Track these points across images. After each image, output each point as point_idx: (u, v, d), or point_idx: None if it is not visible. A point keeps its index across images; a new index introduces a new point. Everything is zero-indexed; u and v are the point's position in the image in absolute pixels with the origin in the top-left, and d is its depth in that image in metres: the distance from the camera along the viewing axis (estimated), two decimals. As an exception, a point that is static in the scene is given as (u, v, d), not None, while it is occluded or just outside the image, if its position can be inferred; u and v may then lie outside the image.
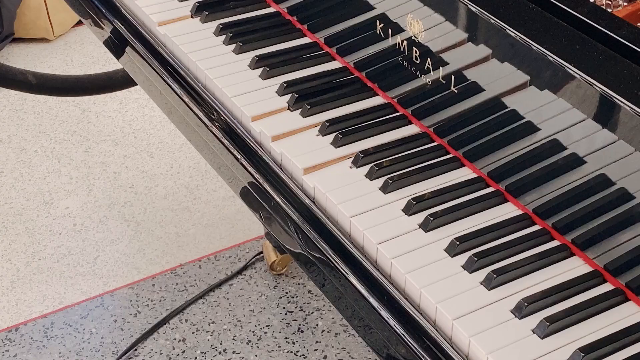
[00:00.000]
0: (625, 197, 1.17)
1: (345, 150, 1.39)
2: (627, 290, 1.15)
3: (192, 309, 2.43)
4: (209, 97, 1.54)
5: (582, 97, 1.18)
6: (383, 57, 1.48)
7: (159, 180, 2.87)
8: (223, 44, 1.62)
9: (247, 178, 1.45)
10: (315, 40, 1.62)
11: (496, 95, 1.30)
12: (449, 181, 1.33)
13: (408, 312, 1.18)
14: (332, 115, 1.45)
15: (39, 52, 3.45)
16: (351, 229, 1.28)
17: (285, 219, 1.37)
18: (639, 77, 1.09)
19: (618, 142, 1.15)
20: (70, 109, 3.16)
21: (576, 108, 1.19)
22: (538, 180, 1.27)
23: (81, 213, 2.74)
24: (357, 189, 1.33)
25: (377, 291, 1.21)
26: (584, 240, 1.20)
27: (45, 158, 2.96)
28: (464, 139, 1.36)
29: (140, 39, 1.72)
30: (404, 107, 1.46)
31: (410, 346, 1.15)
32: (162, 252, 2.61)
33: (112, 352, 2.31)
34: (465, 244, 1.22)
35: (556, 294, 1.15)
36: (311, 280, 1.44)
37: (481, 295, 1.16)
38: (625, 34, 1.10)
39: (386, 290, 1.21)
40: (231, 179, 1.52)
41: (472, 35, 1.30)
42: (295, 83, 1.52)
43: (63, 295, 2.47)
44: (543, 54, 1.17)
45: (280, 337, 2.35)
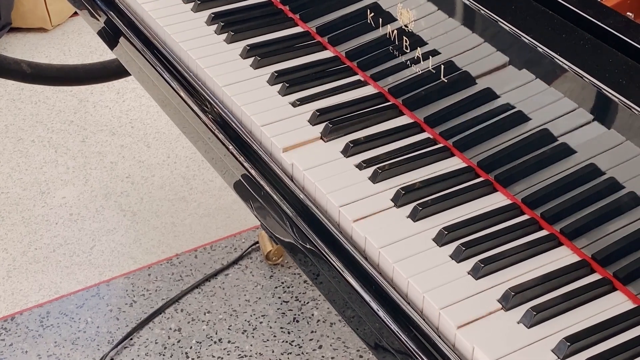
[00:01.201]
0: (614, 187, 1.17)
1: (335, 140, 1.39)
2: (614, 280, 1.15)
3: (188, 299, 2.43)
4: (200, 86, 1.54)
5: (572, 86, 1.17)
6: (374, 47, 1.47)
7: (156, 170, 2.87)
8: (215, 33, 1.62)
9: (238, 168, 1.45)
10: (307, 29, 1.62)
11: (486, 85, 1.30)
12: (438, 171, 1.33)
13: (396, 302, 1.18)
14: (323, 105, 1.45)
15: (37, 42, 3.45)
16: (340, 219, 1.28)
17: (275, 209, 1.36)
18: (627, 67, 1.09)
19: (608, 131, 1.15)
20: (67, 99, 3.16)
21: (566, 98, 1.19)
22: (527, 170, 1.27)
23: (77, 203, 2.74)
24: (347, 178, 1.32)
25: (365, 281, 1.21)
26: (572, 230, 1.20)
27: (42, 148, 2.96)
28: (454, 128, 1.36)
29: (133, 29, 1.72)
30: (395, 97, 1.45)
31: (397, 335, 1.15)
32: (158, 241, 2.61)
33: (108, 341, 2.31)
34: (453, 234, 1.22)
35: (543, 283, 1.15)
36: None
37: (469, 285, 1.16)
38: (613, 22, 1.10)
39: (374, 280, 1.21)
40: (224, 171, 1.52)
41: (462, 25, 1.29)
42: (286, 72, 1.51)
43: (59, 284, 2.47)
44: (532, 44, 1.17)
45: (276, 327, 2.35)
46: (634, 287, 1.13)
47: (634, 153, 1.13)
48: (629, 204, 1.15)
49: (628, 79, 1.08)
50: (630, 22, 1.09)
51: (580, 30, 1.13)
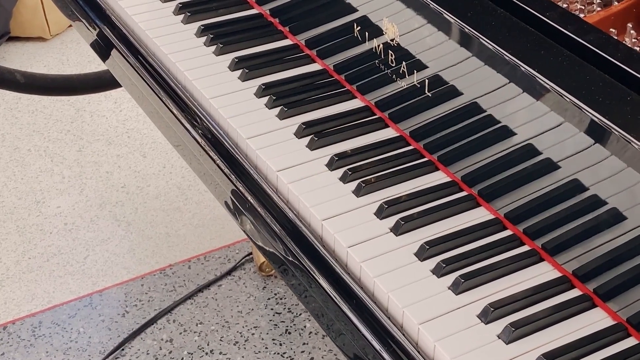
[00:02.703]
0: (596, 203, 1.17)
1: (320, 153, 1.39)
2: (594, 296, 1.15)
3: (180, 310, 2.43)
4: (188, 98, 1.54)
5: (557, 102, 1.18)
6: (361, 60, 1.48)
7: (151, 180, 2.87)
8: (204, 45, 1.62)
9: (225, 183, 1.45)
10: (296, 42, 1.62)
11: (470, 100, 1.30)
12: (422, 185, 1.33)
13: (376, 316, 1.18)
14: (309, 118, 1.45)
15: (35, 51, 3.46)
16: (323, 232, 1.28)
17: (261, 222, 1.37)
18: (605, 84, 1.09)
19: (593, 147, 1.15)
20: (64, 108, 3.17)
21: (552, 113, 1.19)
22: (511, 185, 1.27)
23: (72, 212, 2.74)
24: (331, 192, 1.33)
25: (346, 294, 1.21)
26: (553, 245, 1.20)
27: (38, 157, 2.96)
28: (438, 142, 1.36)
29: (124, 42, 1.72)
30: (381, 110, 1.45)
31: (376, 350, 1.15)
32: (152, 252, 2.62)
33: (99, 351, 2.31)
34: (434, 248, 1.22)
35: (523, 299, 1.15)
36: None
37: (449, 300, 1.16)
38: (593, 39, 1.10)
39: (355, 294, 1.21)
40: (212, 184, 1.52)
41: (446, 41, 1.30)
42: (274, 85, 1.52)
43: (52, 294, 2.48)
44: (512, 61, 1.17)
45: (268, 339, 2.35)
46: (614, 303, 1.13)
47: (617, 169, 1.13)
48: (611, 220, 1.15)
49: (607, 97, 1.08)
50: (609, 39, 1.09)
51: (559, 46, 1.13)
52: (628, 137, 1.06)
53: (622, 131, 1.07)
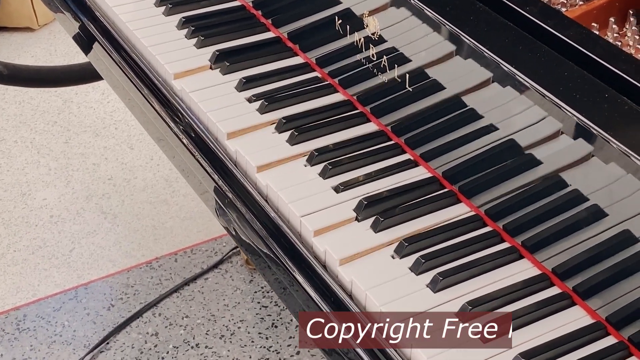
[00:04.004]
0: (578, 199, 1.16)
1: (300, 148, 1.38)
2: (573, 294, 1.14)
3: (166, 303, 2.42)
4: (168, 91, 1.53)
5: (537, 98, 1.16)
6: (343, 54, 1.46)
7: (138, 173, 2.85)
8: (185, 38, 1.61)
9: (205, 179, 1.43)
10: (279, 35, 1.61)
11: (451, 95, 1.28)
12: (403, 181, 1.32)
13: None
14: (290, 112, 1.44)
15: (23, 42, 3.44)
16: (301, 229, 1.26)
17: (241, 218, 1.35)
18: (583, 80, 1.08)
19: (575, 142, 1.14)
20: (52, 99, 3.15)
21: (534, 108, 1.18)
22: (492, 181, 1.25)
23: (58, 205, 2.72)
24: (310, 187, 1.31)
25: (323, 292, 1.20)
26: (533, 242, 1.19)
27: (24, 149, 2.94)
28: (419, 138, 1.34)
29: (105, 34, 1.70)
30: (363, 104, 1.44)
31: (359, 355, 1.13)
32: (139, 245, 2.60)
33: (84, 345, 2.30)
34: (413, 246, 1.20)
35: (502, 297, 1.14)
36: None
37: (427, 298, 1.15)
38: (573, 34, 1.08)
39: (332, 291, 1.19)
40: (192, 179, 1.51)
41: (427, 36, 1.28)
42: (255, 79, 1.50)
43: (37, 287, 2.46)
44: (491, 57, 1.15)
45: (254, 332, 2.34)
46: (593, 302, 1.12)
47: (599, 166, 1.12)
48: (592, 217, 1.14)
49: (586, 94, 1.07)
50: (590, 34, 1.08)
51: (539, 42, 1.11)
52: (605, 135, 1.05)
53: (599, 129, 1.06)
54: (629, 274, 1.09)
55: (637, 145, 1.05)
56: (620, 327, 1.08)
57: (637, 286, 1.08)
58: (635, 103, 1.08)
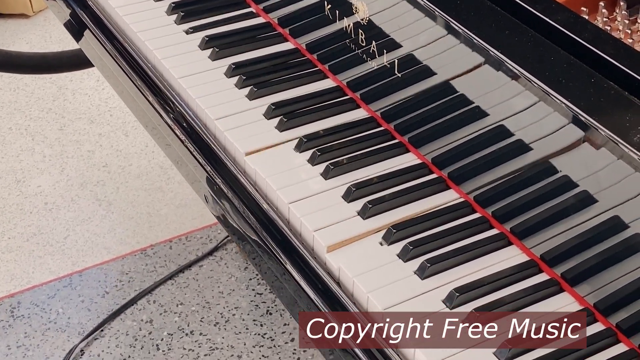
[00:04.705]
0: (567, 185, 1.15)
1: (289, 134, 1.37)
2: (562, 281, 1.13)
3: (161, 290, 2.41)
4: (157, 78, 1.52)
5: (527, 84, 1.15)
6: (332, 40, 1.45)
7: (133, 160, 2.84)
8: (174, 24, 1.59)
9: (194, 164, 1.43)
10: (269, 20, 1.59)
11: (441, 81, 1.27)
12: (392, 167, 1.31)
13: (342, 302, 1.15)
14: (279, 98, 1.43)
15: (18, 28, 3.42)
16: (290, 216, 1.26)
17: (230, 205, 1.34)
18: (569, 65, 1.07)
19: (564, 128, 1.13)
20: (46, 86, 3.14)
21: (524, 93, 1.17)
22: (482, 168, 1.24)
23: (53, 192, 2.72)
24: (299, 174, 1.30)
25: (312, 280, 1.19)
26: (522, 229, 1.18)
27: (19, 135, 2.93)
28: (409, 124, 1.34)
29: (95, 21, 1.69)
30: (353, 90, 1.43)
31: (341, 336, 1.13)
32: (133, 232, 2.59)
33: (78, 332, 2.29)
34: (401, 232, 1.20)
35: (490, 283, 1.13)
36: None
37: (414, 285, 1.14)
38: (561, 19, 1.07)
39: (321, 279, 1.18)
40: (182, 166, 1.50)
41: (416, 22, 1.27)
42: (244, 64, 1.49)
43: (31, 274, 2.46)
44: (479, 43, 1.14)
45: (249, 319, 2.33)
46: (581, 288, 1.11)
47: (589, 152, 1.11)
48: (582, 203, 1.13)
49: (571, 79, 1.06)
50: (578, 18, 1.07)
51: (526, 27, 1.10)
52: (593, 121, 1.04)
53: (589, 115, 1.05)
54: (617, 261, 1.08)
55: (626, 131, 1.04)
56: (608, 314, 1.08)
57: (625, 273, 1.07)
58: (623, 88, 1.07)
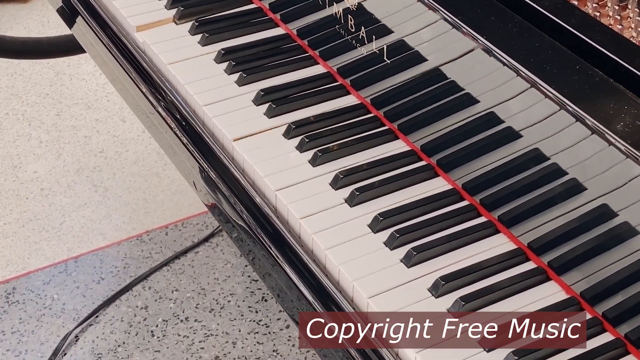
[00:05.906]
0: (556, 173, 1.14)
1: (278, 121, 1.36)
2: (549, 269, 1.12)
3: (157, 277, 2.41)
4: (147, 64, 1.51)
5: (517, 72, 1.15)
6: (323, 26, 1.44)
7: (130, 145, 2.84)
8: (165, 9, 1.58)
9: (182, 150, 1.42)
10: (260, 5, 1.58)
11: (431, 67, 1.26)
12: (381, 154, 1.30)
13: (328, 290, 1.15)
14: (269, 84, 1.42)
15: (15, 13, 3.41)
16: (277, 203, 1.25)
17: (218, 192, 1.34)
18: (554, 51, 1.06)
19: (553, 116, 1.12)
20: (44, 71, 3.13)
21: (515, 80, 1.16)
22: (471, 155, 1.23)
23: (49, 177, 2.71)
24: (286, 161, 1.29)
25: (299, 269, 1.18)
26: (510, 217, 1.17)
27: (15, 121, 2.93)
28: (399, 111, 1.33)
29: (88, 8, 1.68)
30: (343, 77, 1.42)
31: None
32: (129, 218, 2.59)
33: (73, 318, 2.29)
34: (388, 220, 1.19)
35: (476, 272, 1.12)
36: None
37: (400, 273, 1.13)
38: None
39: (308, 268, 1.18)
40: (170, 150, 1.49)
41: (405, 8, 1.26)
42: (234, 50, 1.48)
43: (27, 260, 2.45)
44: (468, 31, 1.13)
45: (244, 306, 2.33)
46: (568, 277, 1.10)
47: (577, 139, 1.10)
48: (570, 191, 1.12)
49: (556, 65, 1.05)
50: (565, 3, 1.05)
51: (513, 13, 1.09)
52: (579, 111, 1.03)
53: (575, 104, 1.04)
54: (604, 249, 1.07)
55: (611, 119, 1.03)
56: (595, 303, 1.07)
57: (612, 262, 1.06)
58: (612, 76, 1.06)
